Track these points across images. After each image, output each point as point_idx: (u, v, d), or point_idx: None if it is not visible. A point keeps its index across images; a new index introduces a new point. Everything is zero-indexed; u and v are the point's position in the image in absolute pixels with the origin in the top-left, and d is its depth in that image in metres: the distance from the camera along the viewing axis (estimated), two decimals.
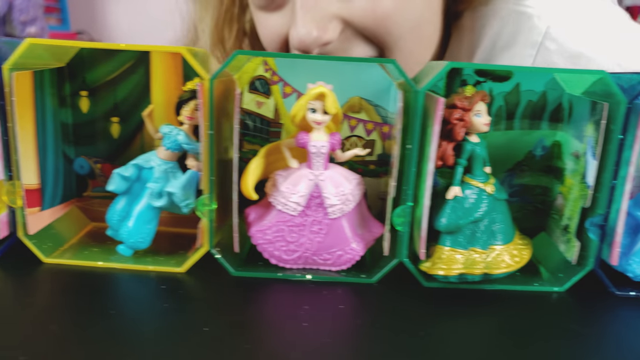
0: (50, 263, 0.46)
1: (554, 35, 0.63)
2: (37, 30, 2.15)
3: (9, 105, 0.43)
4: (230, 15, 0.74)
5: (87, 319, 0.38)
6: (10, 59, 0.42)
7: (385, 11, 0.57)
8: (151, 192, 0.46)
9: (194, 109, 0.46)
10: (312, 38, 0.56)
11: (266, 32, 0.66)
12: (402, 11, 0.59)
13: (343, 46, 0.59)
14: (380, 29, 0.59)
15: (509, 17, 0.66)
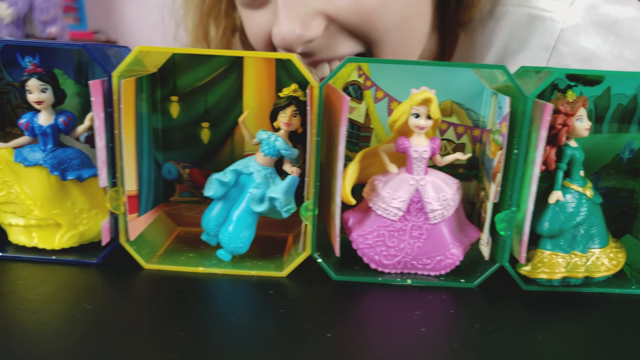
0: (150, 269, 0.46)
1: (567, 39, 0.64)
2: (58, 30, 2.14)
3: (116, 113, 0.43)
4: (216, 11, 0.74)
5: (208, 326, 0.38)
6: (120, 67, 0.42)
7: (369, 6, 0.56)
8: (253, 197, 0.46)
9: (291, 115, 0.47)
10: (296, 35, 0.55)
11: (252, 30, 0.66)
12: (388, 6, 0.58)
13: (328, 43, 0.58)
14: (365, 25, 0.58)
15: (521, 20, 0.66)
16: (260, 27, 0.63)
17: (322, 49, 0.59)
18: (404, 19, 0.60)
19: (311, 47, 0.58)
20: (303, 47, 0.58)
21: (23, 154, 0.47)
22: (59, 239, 0.47)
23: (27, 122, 0.47)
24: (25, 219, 0.47)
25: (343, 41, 0.59)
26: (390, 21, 0.58)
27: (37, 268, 0.46)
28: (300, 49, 0.58)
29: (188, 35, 0.80)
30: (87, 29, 2.60)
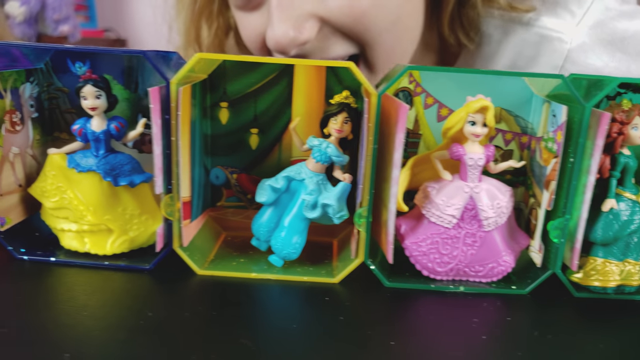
0: (203, 275, 0.46)
1: (575, 58, 0.64)
2: (70, 28, 2.14)
3: (174, 120, 0.43)
4: (208, 12, 0.74)
5: (271, 333, 0.38)
6: (179, 74, 0.42)
7: (362, 8, 0.57)
8: (306, 204, 0.46)
9: (342, 122, 0.47)
10: (289, 38, 0.56)
11: (246, 32, 0.66)
12: (380, 7, 0.58)
13: (321, 45, 0.59)
14: (358, 26, 0.58)
15: (530, 39, 0.66)
16: (254, 30, 0.64)
17: (316, 51, 0.59)
18: (396, 19, 0.60)
19: (305, 49, 0.58)
20: (297, 49, 0.58)
21: (76, 159, 0.47)
22: (110, 244, 0.48)
23: (80, 128, 0.47)
24: (78, 225, 0.47)
25: (336, 43, 0.59)
26: (383, 22, 0.59)
27: (91, 274, 0.46)
28: (294, 52, 0.58)
29: (180, 37, 0.80)
30: (97, 27, 2.60)
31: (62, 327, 0.38)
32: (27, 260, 0.47)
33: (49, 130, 0.53)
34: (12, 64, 0.47)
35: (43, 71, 0.51)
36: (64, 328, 0.38)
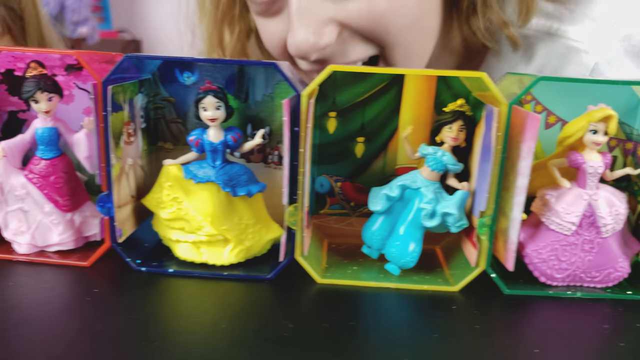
0: (323, 283, 0.47)
1: (602, 70, 0.65)
2: (89, 30, 2.13)
3: (303, 131, 0.43)
4: (230, 16, 0.74)
5: (413, 341, 0.39)
6: (310, 85, 0.43)
7: (380, 11, 0.57)
8: (426, 212, 0.47)
9: (458, 130, 0.47)
10: (310, 44, 0.56)
11: (267, 37, 0.66)
12: (398, 8, 0.58)
13: (341, 48, 0.59)
14: (378, 29, 0.59)
15: (557, 50, 0.67)
16: (275, 35, 0.64)
17: (336, 55, 0.60)
18: (414, 20, 0.60)
19: (325, 53, 0.59)
20: (318, 54, 0.59)
21: (192, 170, 0.48)
22: (228, 254, 0.48)
23: (197, 138, 0.47)
24: (195, 235, 0.48)
25: (356, 45, 0.60)
26: (401, 23, 0.59)
27: (210, 284, 0.46)
28: (315, 56, 0.59)
29: (203, 42, 0.81)
30: (112, 28, 2.59)
31: (199, 341, 0.38)
32: (145, 272, 0.47)
33: (154, 140, 0.53)
34: (131, 75, 0.47)
35: (150, 81, 0.51)
36: (201, 342, 0.38)
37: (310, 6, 0.57)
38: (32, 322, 0.39)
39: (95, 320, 0.40)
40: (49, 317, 0.40)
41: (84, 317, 0.40)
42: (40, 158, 0.48)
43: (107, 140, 0.45)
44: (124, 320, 0.40)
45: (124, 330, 0.39)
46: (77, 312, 0.41)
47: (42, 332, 0.38)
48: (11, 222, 0.49)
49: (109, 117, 0.44)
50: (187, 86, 0.51)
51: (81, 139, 0.48)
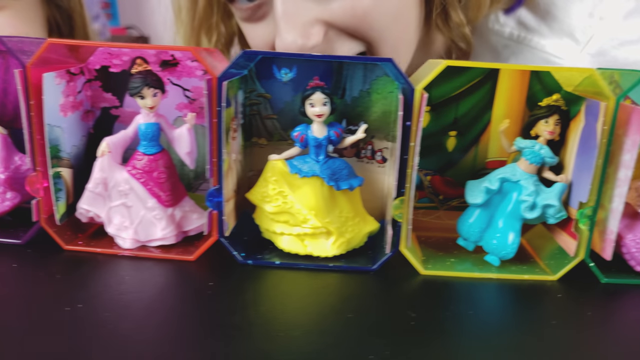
0: (425, 274, 0.48)
1: None
2: (100, 27, 2.11)
3: (415, 125, 0.44)
4: (208, 25, 0.75)
5: (531, 332, 0.40)
6: (425, 80, 0.44)
7: (364, 8, 0.58)
8: (527, 204, 0.48)
9: (554, 124, 0.48)
10: (298, 46, 0.58)
11: (255, 42, 0.68)
12: (382, 5, 0.59)
13: (329, 47, 0.60)
14: (363, 26, 0.60)
15: (534, 62, 0.69)
16: (262, 40, 0.65)
17: (324, 53, 0.61)
18: (398, 14, 0.62)
19: (313, 52, 0.60)
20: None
21: (296, 165, 0.48)
22: (330, 246, 0.49)
23: (302, 134, 0.48)
24: (300, 228, 0.49)
25: (343, 44, 0.61)
26: (385, 18, 0.60)
27: (320, 276, 0.47)
28: None
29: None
30: (119, 24, 2.58)
31: (330, 331, 0.39)
32: (251, 265, 0.48)
33: (248, 136, 0.54)
34: (238, 71, 0.48)
35: (246, 78, 0.51)
36: (333, 332, 0.39)
37: (296, 9, 0.58)
38: (161, 317, 0.40)
39: (230, 313, 0.40)
40: (176, 310, 0.41)
41: (214, 311, 0.41)
42: (143, 154, 0.49)
43: (220, 136, 0.45)
44: (252, 312, 0.41)
45: (258, 323, 0.39)
46: (204, 306, 0.42)
47: (170, 328, 0.39)
48: (114, 217, 0.49)
49: (223, 112, 0.45)
50: (284, 83, 0.52)
51: (183, 135, 0.49)
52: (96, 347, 0.35)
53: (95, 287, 0.44)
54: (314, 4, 0.58)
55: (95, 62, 0.52)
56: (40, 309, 0.40)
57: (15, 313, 0.39)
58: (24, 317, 0.39)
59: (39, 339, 0.36)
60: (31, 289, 0.43)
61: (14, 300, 0.41)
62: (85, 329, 0.38)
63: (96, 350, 0.35)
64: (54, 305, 0.40)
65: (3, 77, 0.54)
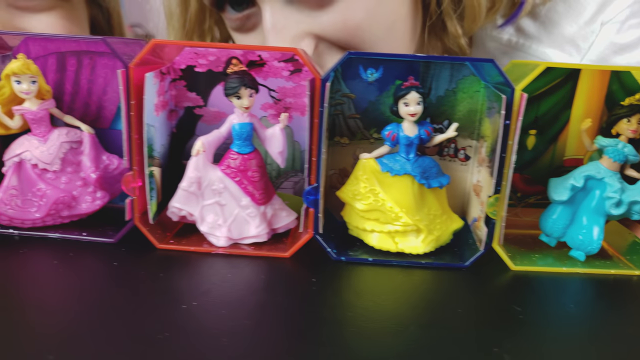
0: (516, 270, 0.49)
1: None
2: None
3: (514, 124, 0.45)
4: (200, 31, 0.75)
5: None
6: (525, 80, 0.45)
7: (356, 22, 0.58)
8: (613, 201, 0.49)
9: (637, 123, 0.50)
10: None
11: None
12: (374, 18, 0.59)
13: (320, 60, 0.60)
14: (354, 39, 0.59)
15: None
16: None
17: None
18: (390, 26, 0.61)
19: None
20: None
21: (387, 164, 0.49)
22: (421, 243, 0.50)
23: (394, 133, 0.49)
24: (391, 225, 0.49)
25: (334, 56, 0.60)
26: (378, 31, 0.60)
27: (413, 273, 0.48)
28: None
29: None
30: (126, 22, 2.56)
31: (443, 325, 0.40)
32: (344, 261, 0.49)
33: (331, 135, 0.54)
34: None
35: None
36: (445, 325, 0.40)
37: (284, 21, 0.57)
38: (275, 312, 0.41)
39: (344, 309, 0.41)
40: (286, 306, 0.42)
41: (320, 307, 0.42)
42: (237, 153, 0.49)
43: (320, 135, 0.46)
44: (355, 308, 0.42)
45: (363, 317, 0.40)
46: (310, 301, 0.42)
47: (285, 323, 0.40)
48: (207, 216, 0.50)
49: (325, 113, 0.45)
50: (369, 83, 0.52)
51: (276, 134, 0.50)
52: (229, 343, 0.36)
53: (202, 285, 0.44)
54: (303, 17, 0.57)
55: (181, 61, 0.53)
56: (159, 308, 0.40)
57: (141, 313, 0.40)
58: (148, 316, 0.39)
59: (169, 338, 0.36)
60: (141, 288, 0.43)
61: (132, 299, 0.41)
62: (210, 326, 0.38)
63: (232, 347, 0.36)
64: (171, 304, 0.41)
65: (89, 77, 0.54)
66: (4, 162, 0.50)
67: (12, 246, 0.49)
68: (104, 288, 0.43)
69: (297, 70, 0.52)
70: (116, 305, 0.40)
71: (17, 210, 0.49)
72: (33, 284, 0.43)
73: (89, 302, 0.41)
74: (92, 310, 0.39)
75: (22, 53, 0.49)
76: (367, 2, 0.58)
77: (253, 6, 0.62)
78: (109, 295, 0.42)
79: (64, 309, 0.39)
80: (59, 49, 0.53)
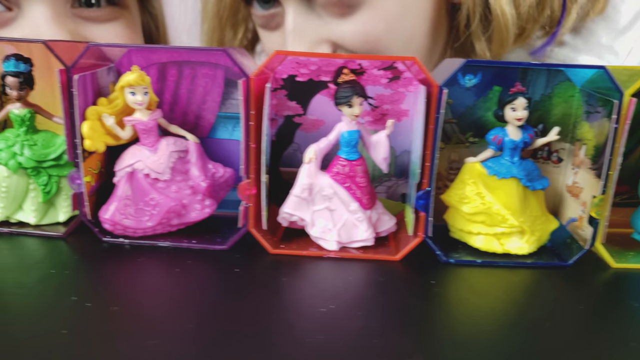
0: (617, 268, 0.51)
1: None
2: None
3: (621, 128, 0.47)
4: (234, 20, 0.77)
5: None
6: (634, 86, 0.47)
7: (377, 35, 0.59)
8: None
9: None
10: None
11: (268, 48, 0.71)
12: (394, 32, 0.60)
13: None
14: (371, 50, 0.61)
15: None
16: (275, 47, 0.68)
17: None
18: (410, 41, 0.63)
19: None
20: None
21: (493, 167, 0.51)
22: (526, 244, 0.51)
23: (499, 137, 0.51)
24: (499, 227, 0.51)
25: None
26: (395, 45, 0.61)
27: (520, 272, 0.50)
28: None
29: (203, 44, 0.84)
30: None
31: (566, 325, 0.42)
32: (453, 263, 0.50)
33: (447, 140, 0.56)
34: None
35: None
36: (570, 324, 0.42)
37: (305, 26, 0.59)
38: (402, 314, 0.42)
39: (471, 309, 0.43)
40: (424, 308, 0.43)
41: (455, 308, 0.43)
42: (346, 160, 0.51)
43: (435, 141, 0.47)
44: (496, 304, 0.43)
45: (502, 317, 0.42)
46: (430, 304, 0.44)
47: (410, 327, 0.41)
48: (318, 221, 0.51)
49: (441, 119, 0.47)
50: (467, 88, 0.54)
51: (381, 141, 0.51)
52: (380, 343, 0.37)
53: (329, 288, 0.45)
54: (324, 24, 0.59)
55: (283, 71, 0.54)
56: (298, 311, 0.42)
57: (284, 318, 0.41)
58: (294, 320, 0.40)
59: (320, 340, 0.38)
60: (275, 294, 0.44)
61: (263, 304, 0.42)
62: (354, 327, 0.39)
63: (382, 346, 0.37)
64: (308, 308, 0.42)
65: (188, 87, 0.55)
66: (115, 172, 0.51)
67: (127, 255, 0.49)
68: (228, 294, 0.44)
69: (395, 77, 0.54)
70: (247, 310, 0.41)
71: (132, 220, 0.50)
72: (158, 292, 0.44)
73: (218, 308, 0.41)
74: (221, 317, 0.40)
75: (135, 65, 0.49)
76: (388, 16, 0.60)
77: (279, 6, 0.63)
78: (234, 300, 0.43)
79: (193, 316, 0.40)
80: (161, 59, 0.54)
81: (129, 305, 0.41)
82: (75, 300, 0.41)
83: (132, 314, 0.40)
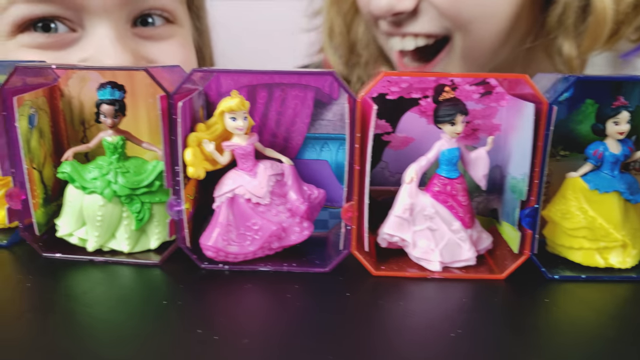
0: None
1: None
2: None
3: None
4: (353, 12, 0.79)
5: None
6: None
7: None
8: None
9: None
10: (388, 5, 0.64)
11: (362, 3, 0.73)
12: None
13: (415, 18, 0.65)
14: (452, 8, 0.64)
15: None
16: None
17: (409, 23, 0.65)
18: (491, 16, 0.64)
19: (399, 18, 0.65)
20: (392, 17, 0.65)
21: (594, 181, 0.50)
22: (629, 257, 0.51)
23: (600, 151, 0.50)
24: (602, 242, 0.51)
25: (430, 20, 0.65)
26: (476, 12, 0.64)
27: (624, 286, 0.49)
28: (389, 19, 0.65)
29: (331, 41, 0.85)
30: None
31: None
32: (557, 279, 0.50)
33: None
34: None
35: None
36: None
37: None
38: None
39: (600, 325, 0.42)
40: (545, 327, 0.43)
41: (579, 325, 0.43)
42: (447, 178, 0.50)
43: (544, 159, 0.47)
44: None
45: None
46: (561, 320, 0.44)
47: (553, 341, 0.40)
48: (419, 241, 0.51)
49: (549, 136, 0.46)
50: (560, 102, 0.53)
51: (482, 157, 0.51)
52: None
53: (446, 310, 0.45)
54: None
55: (374, 90, 0.53)
56: (422, 337, 0.41)
57: (406, 340, 0.40)
58: (422, 345, 0.40)
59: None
60: (385, 316, 0.43)
61: (397, 330, 0.42)
62: (478, 352, 0.39)
63: None
64: (432, 331, 0.41)
65: (278, 109, 0.54)
66: (215, 198, 0.50)
67: (229, 281, 0.49)
68: (338, 317, 0.43)
69: (487, 92, 0.53)
70: (362, 334, 0.41)
71: (236, 245, 0.49)
72: (278, 320, 0.43)
73: (339, 333, 0.41)
74: (341, 339, 0.40)
75: (234, 90, 0.49)
76: None
77: None
78: (346, 323, 0.42)
79: (311, 342, 0.40)
80: (251, 82, 0.54)
81: (258, 338, 0.40)
82: (200, 333, 0.41)
83: (262, 346, 0.39)
